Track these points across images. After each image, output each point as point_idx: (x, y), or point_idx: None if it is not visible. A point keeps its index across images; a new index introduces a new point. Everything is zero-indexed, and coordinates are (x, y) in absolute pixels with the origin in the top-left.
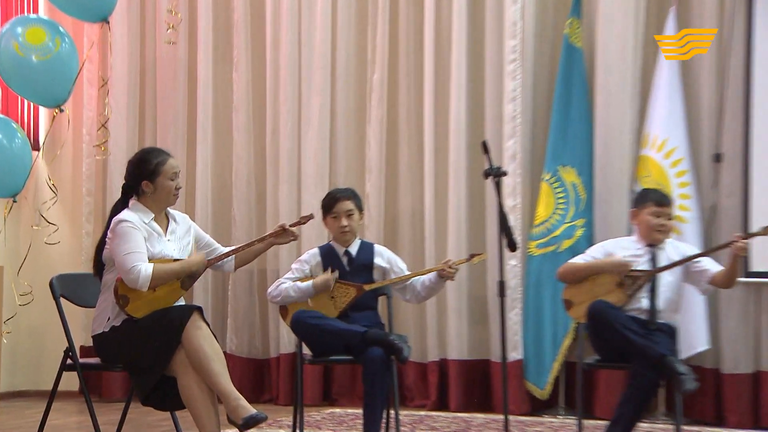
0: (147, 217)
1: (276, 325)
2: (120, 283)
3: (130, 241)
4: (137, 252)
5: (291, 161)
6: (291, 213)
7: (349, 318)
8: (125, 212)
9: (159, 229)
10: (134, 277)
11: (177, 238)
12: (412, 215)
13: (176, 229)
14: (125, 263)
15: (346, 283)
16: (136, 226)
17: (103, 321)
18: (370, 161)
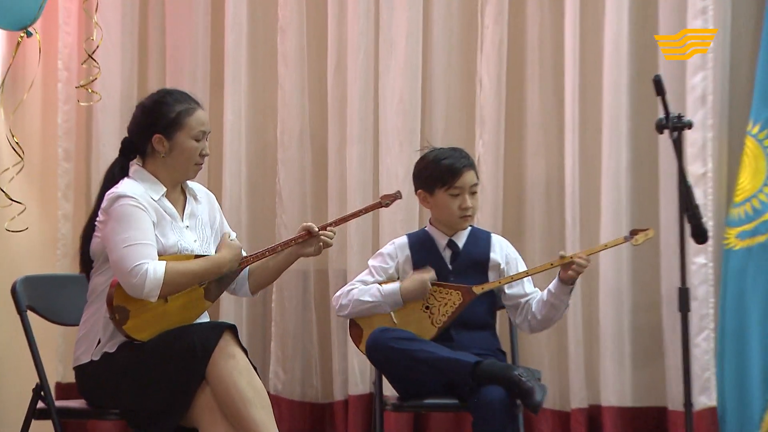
0: (156, 192)
1: (343, 352)
2: (117, 289)
3: (132, 227)
4: (142, 243)
5: (364, 109)
6: (364, 186)
7: (454, 341)
8: (125, 183)
9: (173, 210)
10: (138, 281)
11: (198, 225)
12: (546, 188)
13: (197, 210)
14: (125, 260)
15: (449, 285)
16: (141, 205)
17: (91, 345)
18: (482, 108)
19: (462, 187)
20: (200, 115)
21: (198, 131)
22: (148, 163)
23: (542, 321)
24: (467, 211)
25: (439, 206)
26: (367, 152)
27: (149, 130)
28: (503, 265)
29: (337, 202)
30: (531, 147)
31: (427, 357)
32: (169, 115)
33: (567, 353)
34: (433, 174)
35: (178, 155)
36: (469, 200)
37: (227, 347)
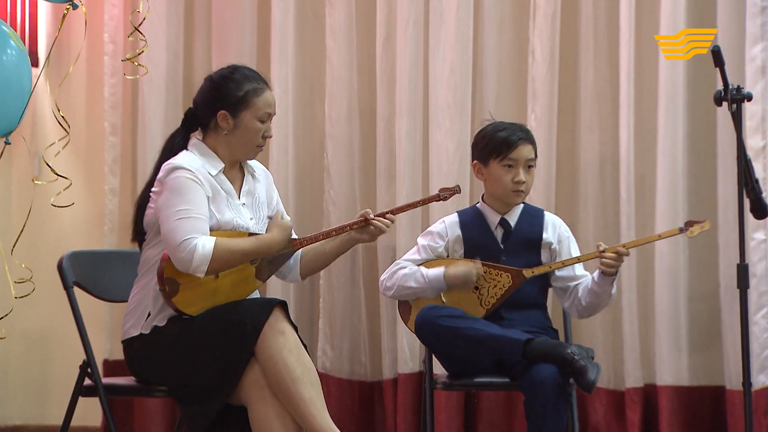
0: (214, 167)
1: (392, 330)
2: (168, 262)
3: (185, 199)
4: (195, 217)
5: (414, 83)
6: (413, 162)
7: (504, 320)
8: (183, 155)
9: (230, 187)
10: (186, 255)
11: (255, 203)
12: (600, 163)
13: (255, 188)
14: (175, 232)
15: (499, 266)
16: (197, 179)
17: (141, 319)
18: (534, 81)
19: (516, 160)
20: (268, 97)
21: (264, 112)
22: (209, 137)
23: (587, 307)
24: (520, 186)
25: (492, 178)
26: (417, 127)
27: (215, 105)
28: (555, 245)
29: (386, 177)
30: (585, 121)
31: (477, 334)
32: (237, 92)
33: (621, 331)
34: (489, 144)
35: (241, 134)
36: (523, 174)
37: (277, 323)
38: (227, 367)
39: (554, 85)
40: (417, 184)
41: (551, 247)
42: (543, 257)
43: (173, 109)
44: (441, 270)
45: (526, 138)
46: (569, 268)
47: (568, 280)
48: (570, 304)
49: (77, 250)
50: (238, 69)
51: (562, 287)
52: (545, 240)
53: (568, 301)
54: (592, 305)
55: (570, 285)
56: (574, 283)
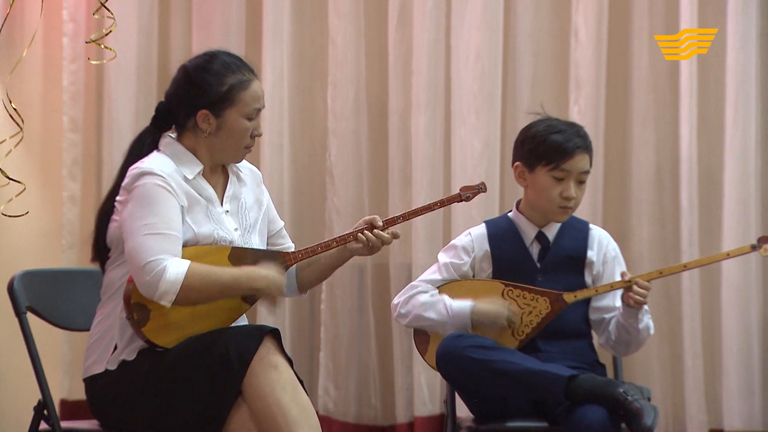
0: (191, 170)
1: (407, 364)
2: (135, 285)
3: (155, 211)
4: (165, 234)
5: (434, 69)
6: (432, 164)
7: (542, 353)
8: (153, 158)
9: (210, 192)
10: (151, 279)
11: (241, 209)
12: (657, 165)
13: (240, 192)
14: (140, 251)
15: (535, 290)
16: (169, 187)
17: (106, 352)
18: (577, 67)
19: (569, 171)
20: (256, 89)
21: (252, 108)
22: (185, 137)
23: (618, 344)
24: (569, 202)
25: (536, 187)
26: (437, 122)
27: (193, 104)
28: (599, 268)
29: (400, 181)
30: (638, 115)
31: (511, 369)
32: (218, 88)
33: (682, 367)
34: (539, 148)
35: (226, 136)
36: (573, 189)
37: (268, 356)
38: (209, 408)
39: (601, 72)
40: (437, 189)
41: (595, 268)
42: (587, 279)
43: (145, 100)
44: (468, 304)
45: (584, 147)
46: (608, 297)
47: (604, 311)
48: (605, 339)
49: (31, 268)
50: (217, 57)
51: (598, 319)
52: (589, 258)
53: (603, 336)
54: (624, 341)
55: (606, 317)
56: (611, 315)
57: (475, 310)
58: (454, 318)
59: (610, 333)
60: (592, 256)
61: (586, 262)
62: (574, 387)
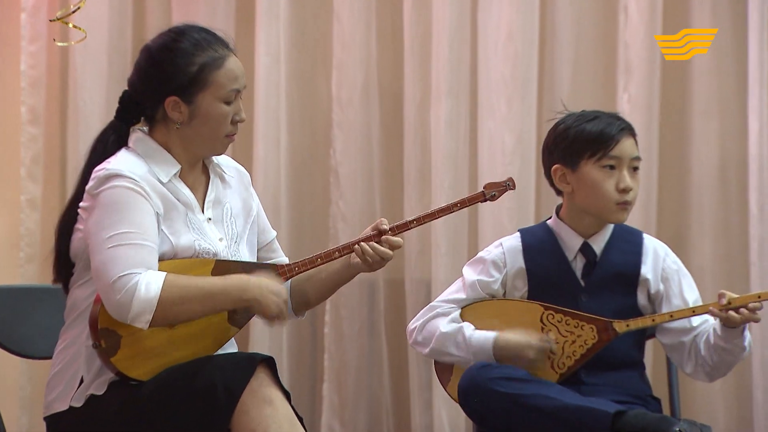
0: (166, 171)
1: (426, 398)
2: (103, 306)
3: (126, 219)
4: (139, 244)
5: (457, 52)
6: (456, 162)
7: (585, 385)
8: (121, 157)
9: (189, 197)
10: (123, 297)
11: (225, 216)
12: (721, 165)
13: (224, 196)
14: (109, 265)
15: (580, 315)
16: (141, 190)
17: (71, 387)
18: (627, 49)
19: (620, 158)
20: (232, 67)
21: (230, 90)
22: (157, 131)
23: (718, 367)
24: (627, 195)
25: (585, 186)
26: (461, 113)
27: (160, 90)
28: (658, 286)
29: (417, 182)
30: (699, 105)
31: (547, 405)
32: (187, 69)
33: (750, 402)
34: (578, 139)
35: (201, 125)
36: (629, 179)
37: (262, 389)
38: None
39: (655, 55)
40: (461, 191)
41: (651, 286)
42: (640, 300)
43: (118, 88)
44: (491, 336)
45: (627, 128)
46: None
47: (680, 334)
48: (693, 366)
49: None
50: (184, 33)
51: (674, 344)
52: (643, 275)
53: (690, 363)
54: (724, 363)
55: (685, 340)
56: (691, 336)
57: (499, 343)
58: (476, 354)
59: (704, 359)
60: (647, 273)
61: (640, 279)
62: (621, 425)
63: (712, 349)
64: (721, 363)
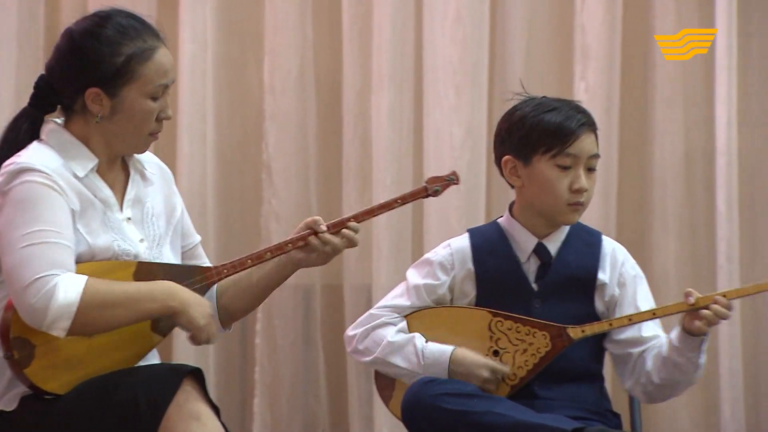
0: (83, 166)
1: (366, 413)
2: (15, 313)
3: (40, 217)
4: (54, 243)
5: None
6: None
7: (539, 400)
8: (33, 150)
9: (108, 194)
10: (38, 302)
11: (146, 216)
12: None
13: (145, 194)
14: (22, 267)
15: (531, 322)
16: (55, 185)
17: None
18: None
19: (577, 156)
20: (162, 60)
21: (158, 85)
22: (74, 122)
23: (662, 387)
24: (580, 196)
25: (537, 183)
26: (405, 102)
27: (81, 80)
28: (613, 291)
29: (358, 178)
30: (662, 94)
31: (500, 422)
32: (113, 59)
33: (719, 417)
34: (533, 132)
35: (124, 120)
36: (584, 179)
37: (188, 404)
38: None
39: (615, 39)
40: (405, 188)
41: (608, 292)
42: (597, 306)
43: (29, 74)
44: (448, 350)
45: (588, 124)
46: (632, 328)
47: (629, 345)
48: (634, 382)
49: None
50: (110, 19)
51: (621, 354)
52: (600, 280)
53: (631, 378)
54: (670, 383)
55: (633, 351)
56: (640, 349)
57: (456, 358)
58: (428, 367)
59: (649, 374)
60: (604, 277)
61: (597, 284)
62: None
63: (662, 364)
64: (668, 381)
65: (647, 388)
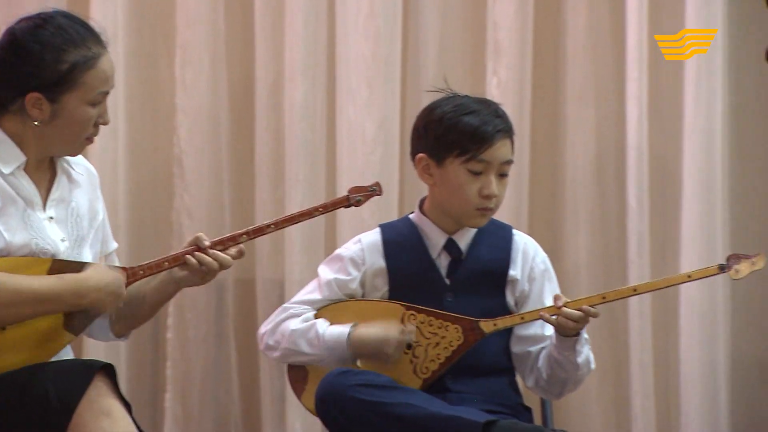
0: (8, 162)
1: (279, 409)
2: None
3: None
4: None
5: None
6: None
7: (451, 393)
8: None
9: (32, 192)
10: None
11: (70, 216)
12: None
13: (71, 195)
14: None
15: (444, 315)
16: None
17: None
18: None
19: (490, 162)
20: (105, 68)
21: (99, 93)
22: (8, 120)
23: (552, 383)
24: (489, 202)
25: (447, 185)
26: (318, 96)
27: (22, 84)
28: (524, 286)
29: (270, 174)
30: (573, 91)
31: (411, 414)
32: (56, 66)
33: (629, 410)
34: (449, 134)
35: (63, 126)
36: (495, 185)
37: (99, 399)
38: None
39: (527, 36)
40: (318, 184)
41: (519, 287)
42: (508, 300)
43: None
44: (345, 330)
45: (505, 130)
46: (536, 324)
47: (530, 342)
48: (534, 380)
49: None
50: (53, 21)
51: (522, 353)
52: (512, 276)
53: (531, 376)
54: (558, 380)
55: (532, 350)
56: (539, 347)
57: (354, 337)
58: (331, 350)
59: (540, 371)
60: (515, 272)
61: (508, 279)
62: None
63: (547, 362)
64: (554, 379)
65: (540, 383)
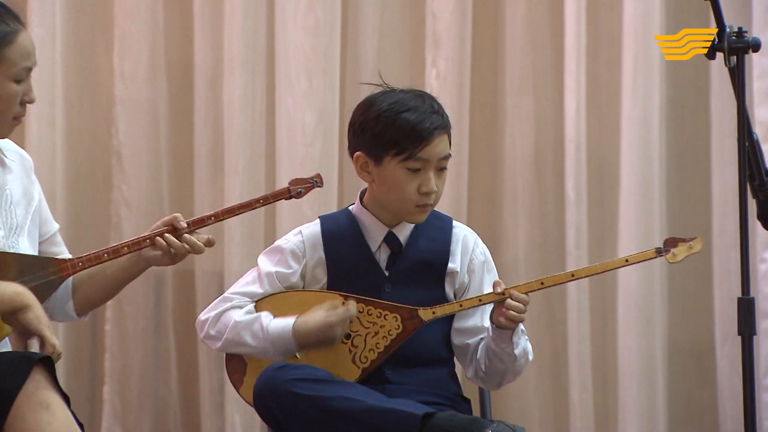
0: None
1: (218, 401)
2: None
3: None
4: None
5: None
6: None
7: (390, 384)
8: None
9: None
10: None
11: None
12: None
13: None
14: None
15: (382, 304)
16: None
17: None
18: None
19: (428, 160)
20: (25, 43)
21: (21, 68)
22: None
23: (489, 375)
24: (428, 198)
25: (386, 183)
26: (257, 88)
27: None
28: (463, 278)
29: (209, 166)
30: (512, 83)
31: (350, 407)
32: None
33: (567, 401)
34: (386, 133)
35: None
36: (434, 181)
37: (38, 392)
38: None
39: (466, 28)
40: (257, 175)
41: (458, 279)
42: (448, 291)
43: None
44: (289, 322)
45: (442, 126)
46: (475, 316)
47: (468, 334)
48: (473, 371)
49: None
50: None
51: (461, 345)
52: (451, 268)
53: (471, 368)
54: (497, 371)
55: (470, 342)
56: (478, 338)
57: (298, 327)
58: (275, 343)
59: (478, 362)
60: (455, 264)
61: (448, 270)
62: (430, 427)
63: (485, 354)
64: (492, 370)
65: (479, 374)
